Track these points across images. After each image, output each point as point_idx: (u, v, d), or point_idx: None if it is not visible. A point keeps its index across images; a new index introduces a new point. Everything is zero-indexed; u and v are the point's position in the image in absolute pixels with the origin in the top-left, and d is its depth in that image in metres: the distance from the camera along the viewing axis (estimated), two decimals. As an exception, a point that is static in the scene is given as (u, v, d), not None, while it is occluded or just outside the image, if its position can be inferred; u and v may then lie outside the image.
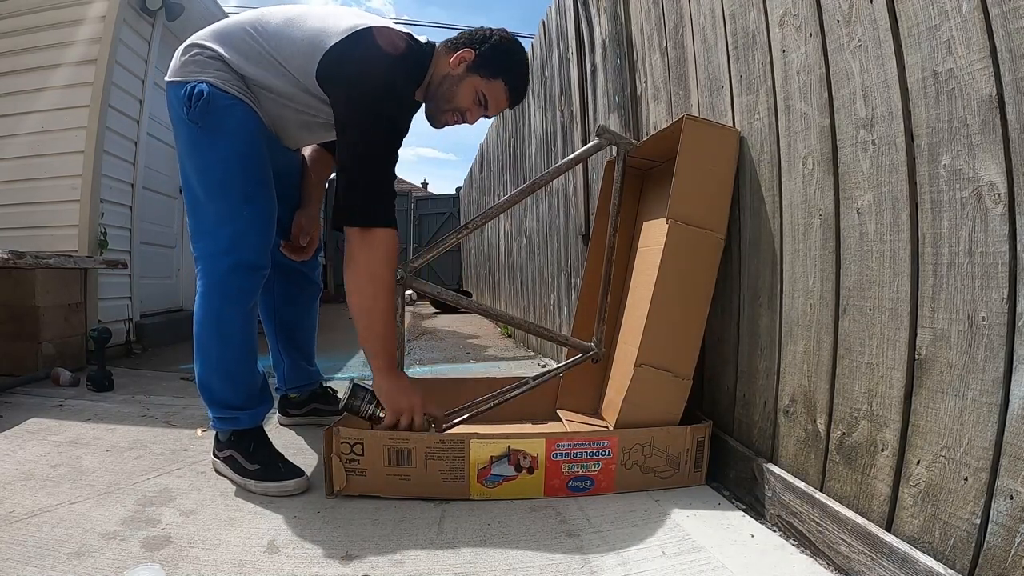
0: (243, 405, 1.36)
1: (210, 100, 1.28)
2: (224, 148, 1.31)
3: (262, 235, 1.37)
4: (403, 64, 1.32)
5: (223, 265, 1.32)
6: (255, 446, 1.34)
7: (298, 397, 1.82)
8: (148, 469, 1.40)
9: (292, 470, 1.30)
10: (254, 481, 1.29)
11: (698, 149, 1.31)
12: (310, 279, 1.76)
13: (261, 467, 1.30)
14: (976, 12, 0.74)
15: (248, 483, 1.29)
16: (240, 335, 1.36)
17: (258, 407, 1.39)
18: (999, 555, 0.72)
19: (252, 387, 1.39)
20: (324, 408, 1.84)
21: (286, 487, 1.27)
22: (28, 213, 2.95)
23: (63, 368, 2.39)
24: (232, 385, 1.35)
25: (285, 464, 1.32)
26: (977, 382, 0.76)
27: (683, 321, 1.33)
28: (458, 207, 9.56)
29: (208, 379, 1.35)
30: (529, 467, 1.25)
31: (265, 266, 1.38)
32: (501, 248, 5.15)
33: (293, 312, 1.74)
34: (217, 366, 1.35)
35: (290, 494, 1.27)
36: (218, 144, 1.31)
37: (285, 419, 1.83)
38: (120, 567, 0.94)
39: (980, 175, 0.75)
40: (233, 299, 1.33)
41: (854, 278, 0.98)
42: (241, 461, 1.31)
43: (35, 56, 3.00)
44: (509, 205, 1.55)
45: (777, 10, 1.15)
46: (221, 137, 1.31)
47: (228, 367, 1.35)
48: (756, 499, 1.20)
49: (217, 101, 1.29)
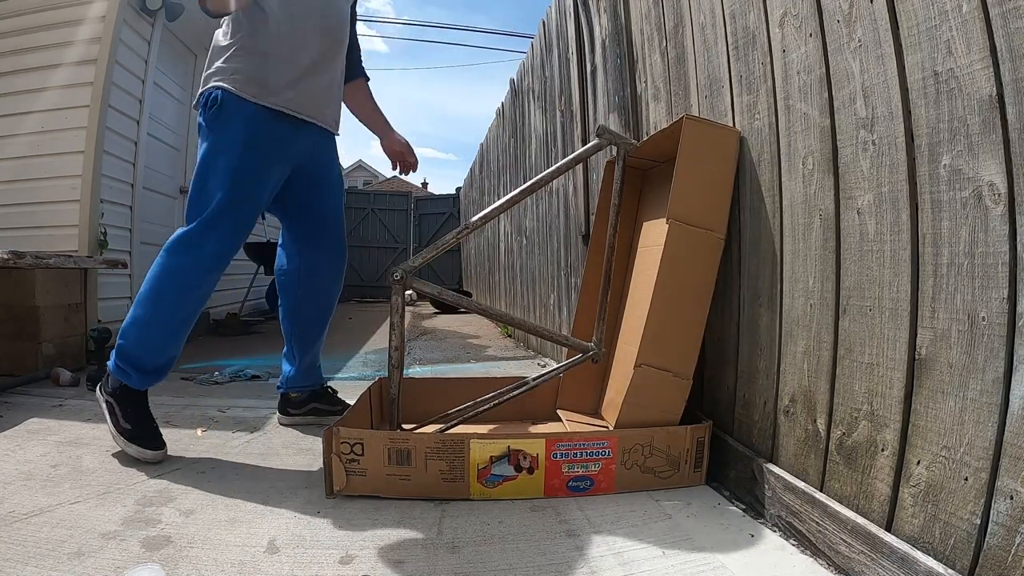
0: (146, 369, 1.48)
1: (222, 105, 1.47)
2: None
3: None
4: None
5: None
6: (134, 409, 1.47)
7: (298, 396, 1.83)
8: (148, 469, 1.40)
9: (155, 443, 1.45)
10: (121, 438, 1.44)
11: (698, 149, 1.31)
12: (331, 284, 1.79)
13: (132, 428, 1.45)
14: (976, 12, 0.74)
15: (115, 436, 1.45)
16: (184, 307, 1.50)
17: (153, 377, 1.51)
18: (999, 555, 0.72)
19: (163, 361, 1.51)
20: (324, 408, 1.84)
21: (144, 454, 1.42)
22: (28, 213, 2.95)
23: (63, 368, 2.39)
24: (149, 348, 1.48)
25: (153, 436, 1.46)
26: (977, 382, 0.76)
27: (683, 321, 1.33)
28: (458, 207, 9.56)
29: (131, 328, 1.47)
30: (529, 467, 1.25)
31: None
32: (501, 248, 5.15)
33: (309, 313, 1.78)
34: (147, 322, 1.47)
35: (146, 461, 1.42)
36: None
37: (285, 419, 1.84)
38: (120, 567, 0.94)
39: (980, 175, 0.75)
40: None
41: (854, 278, 0.98)
42: (119, 414, 1.46)
43: (35, 56, 3.00)
44: (509, 205, 1.55)
45: (777, 10, 1.15)
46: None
47: (156, 330, 1.48)
48: (756, 499, 1.20)
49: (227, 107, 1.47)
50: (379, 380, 1.75)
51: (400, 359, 1.39)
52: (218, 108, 1.47)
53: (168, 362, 1.53)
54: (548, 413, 1.79)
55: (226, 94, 1.48)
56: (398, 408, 1.40)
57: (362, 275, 9.75)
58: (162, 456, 1.45)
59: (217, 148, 1.49)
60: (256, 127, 1.49)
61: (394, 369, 1.38)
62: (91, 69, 2.93)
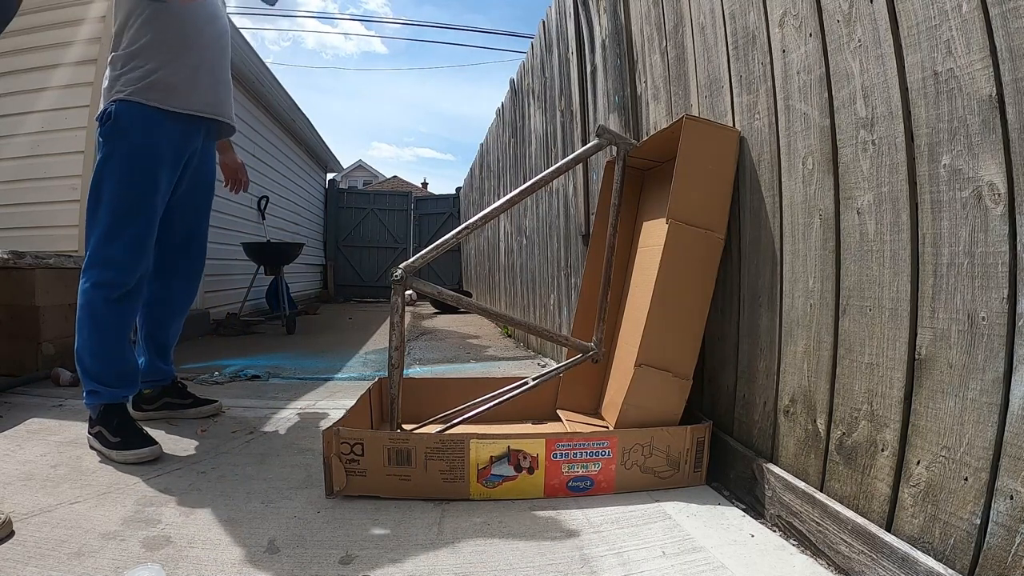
0: (111, 383, 1.55)
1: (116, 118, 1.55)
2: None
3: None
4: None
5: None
6: (118, 422, 1.51)
7: (151, 392, 1.87)
8: (148, 469, 1.40)
9: (146, 441, 1.48)
10: (116, 451, 1.45)
11: (698, 149, 1.31)
12: (186, 285, 1.86)
13: (122, 439, 1.47)
14: (976, 12, 0.74)
15: (111, 453, 1.46)
16: (113, 325, 1.58)
17: (121, 388, 1.58)
18: (999, 555, 0.72)
19: (121, 369, 1.58)
20: (176, 402, 1.88)
21: (141, 454, 1.45)
22: (28, 213, 2.95)
23: (63, 368, 2.39)
24: (101, 362, 1.55)
25: (142, 437, 1.49)
26: (977, 382, 0.76)
27: (683, 321, 1.33)
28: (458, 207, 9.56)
29: (82, 353, 1.56)
30: (529, 467, 1.25)
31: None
32: (501, 248, 5.15)
33: (162, 312, 1.84)
34: (89, 344, 1.56)
35: (145, 460, 1.44)
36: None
37: (138, 413, 1.81)
38: (120, 567, 0.94)
39: (980, 175, 0.75)
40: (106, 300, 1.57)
41: (854, 278, 0.98)
42: (107, 435, 1.48)
43: (35, 56, 3.00)
44: (509, 205, 1.55)
45: (777, 10, 1.15)
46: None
47: (98, 348, 1.56)
48: (756, 499, 1.20)
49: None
50: (379, 380, 1.75)
51: (400, 359, 1.39)
52: (112, 122, 1.53)
53: (131, 370, 1.62)
54: (548, 413, 1.79)
55: (122, 105, 1.54)
56: (398, 408, 1.40)
57: (362, 275, 9.75)
58: (159, 451, 1.48)
59: (110, 156, 1.55)
60: (155, 132, 1.57)
61: (394, 369, 1.38)
62: (91, 69, 2.93)
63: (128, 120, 1.54)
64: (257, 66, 5.24)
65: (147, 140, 1.57)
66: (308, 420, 1.90)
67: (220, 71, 1.74)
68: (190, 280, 1.87)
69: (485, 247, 6.31)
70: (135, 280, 1.59)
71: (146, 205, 1.59)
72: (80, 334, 1.57)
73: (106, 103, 1.57)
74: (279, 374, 2.71)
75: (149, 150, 1.58)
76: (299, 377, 2.66)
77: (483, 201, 6.25)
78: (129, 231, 1.56)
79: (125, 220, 1.55)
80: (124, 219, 1.55)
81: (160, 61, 1.57)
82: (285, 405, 2.10)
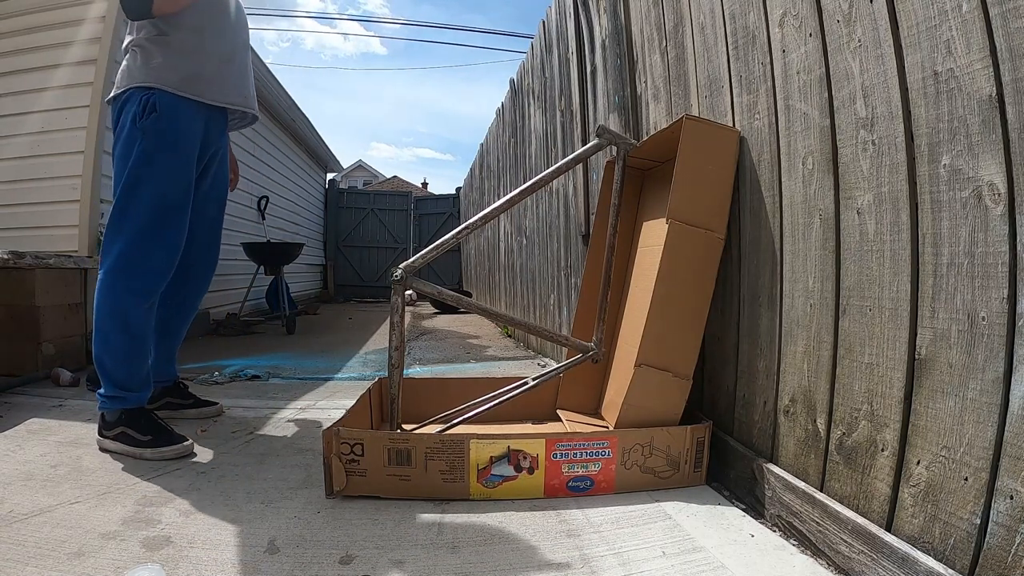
0: (135, 387, 1.54)
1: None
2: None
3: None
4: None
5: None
6: (146, 421, 1.51)
7: (153, 392, 1.84)
8: (148, 469, 1.40)
9: (180, 436, 1.50)
10: (150, 449, 1.46)
11: (698, 149, 1.31)
12: (201, 284, 1.83)
13: (154, 436, 1.47)
14: (976, 12, 0.74)
15: (144, 452, 1.45)
16: (143, 333, 1.55)
17: (144, 391, 1.58)
18: (999, 555, 0.72)
19: (145, 374, 1.58)
20: (178, 402, 1.88)
21: (180, 448, 1.47)
22: (29, 213, 2.95)
23: (63, 368, 2.39)
24: (127, 368, 1.52)
25: (172, 433, 1.50)
26: (977, 382, 0.76)
27: (683, 321, 1.33)
28: (458, 207, 9.56)
29: (104, 358, 1.51)
30: (529, 467, 1.25)
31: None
32: (501, 248, 5.15)
33: (176, 313, 1.81)
34: (116, 351, 1.51)
35: (184, 454, 1.47)
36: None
37: None
38: (120, 567, 0.94)
39: (980, 175, 0.75)
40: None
41: (854, 278, 0.98)
42: (135, 435, 1.48)
43: (35, 56, 3.00)
44: (509, 205, 1.55)
45: (777, 10, 1.15)
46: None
47: (126, 355, 1.52)
48: (756, 499, 1.20)
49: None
50: (379, 380, 1.75)
51: (400, 359, 1.39)
52: (157, 116, 1.47)
53: (148, 371, 1.60)
54: (548, 413, 1.79)
55: (164, 97, 1.49)
56: (398, 408, 1.40)
57: (362, 275, 9.75)
58: (192, 446, 1.52)
59: (153, 151, 1.49)
60: (193, 124, 1.54)
61: (394, 369, 1.38)
62: (91, 69, 2.93)
63: (172, 114, 1.48)
64: (257, 66, 5.25)
65: (190, 136, 1.52)
66: (308, 420, 1.90)
67: (247, 61, 1.72)
68: (205, 279, 1.83)
69: (485, 247, 6.31)
70: (165, 284, 1.56)
71: (187, 205, 1.55)
72: (106, 339, 1.51)
73: (132, 90, 1.49)
74: (279, 374, 2.71)
75: (192, 147, 1.53)
76: (299, 377, 2.66)
77: (483, 201, 6.25)
78: (169, 234, 1.51)
79: (166, 221, 1.50)
80: (165, 219, 1.50)
81: (195, 51, 1.52)
82: (285, 405, 2.10)
